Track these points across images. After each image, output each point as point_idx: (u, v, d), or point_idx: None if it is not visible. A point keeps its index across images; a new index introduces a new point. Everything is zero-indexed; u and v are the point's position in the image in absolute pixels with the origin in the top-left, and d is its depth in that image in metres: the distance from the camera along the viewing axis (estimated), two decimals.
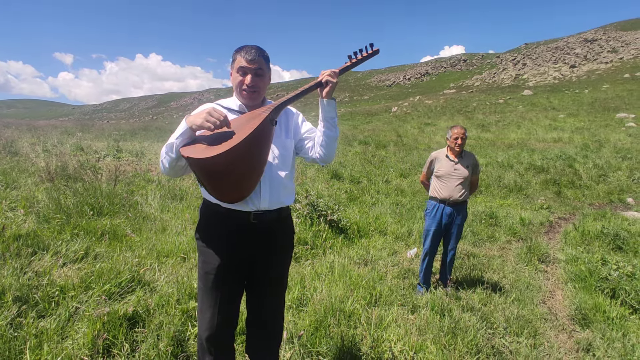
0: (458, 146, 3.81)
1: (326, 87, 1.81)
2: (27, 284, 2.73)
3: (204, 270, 1.80)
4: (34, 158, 7.74)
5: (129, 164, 8.69)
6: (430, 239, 3.90)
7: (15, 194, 5.02)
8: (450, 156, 3.86)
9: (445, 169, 3.83)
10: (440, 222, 3.87)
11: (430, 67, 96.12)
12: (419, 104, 33.68)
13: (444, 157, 3.89)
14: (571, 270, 4.49)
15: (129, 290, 2.91)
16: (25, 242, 3.42)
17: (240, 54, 1.73)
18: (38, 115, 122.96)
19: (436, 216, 3.87)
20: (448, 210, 3.84)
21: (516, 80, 53.80)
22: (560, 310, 3.75)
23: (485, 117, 23.59)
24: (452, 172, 3.81)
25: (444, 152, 3.93)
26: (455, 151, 3.83)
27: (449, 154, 3.87)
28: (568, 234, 6.05)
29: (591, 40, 66.96)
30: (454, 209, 3.84)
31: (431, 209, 3.91)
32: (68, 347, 2.19)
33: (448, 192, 3.81)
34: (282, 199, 1.84)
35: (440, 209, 3.86)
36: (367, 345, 2.68)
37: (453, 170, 3.81)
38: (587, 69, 50.43)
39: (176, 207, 5.50)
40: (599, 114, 20.82)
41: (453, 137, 3.80)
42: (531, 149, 13.76)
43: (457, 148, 3.82)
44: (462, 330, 2.93)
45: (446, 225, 3.88)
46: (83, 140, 12.74)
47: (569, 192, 9.06)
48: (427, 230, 3.94)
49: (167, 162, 1.65)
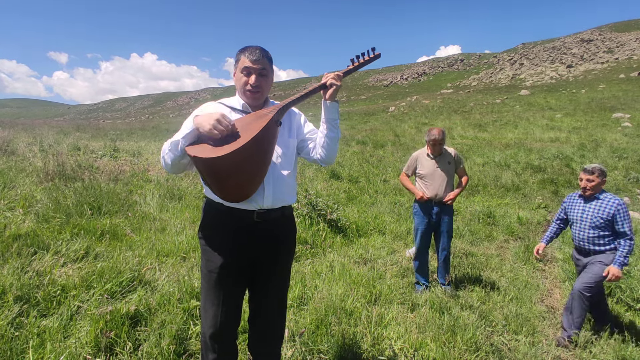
0: (434, 150, 3.85)
1: (330, 89, 1.83)
2: (28, 284, 2.73)
3: (207, 269, 1.81)
4: (31, 158, 7.71)
5: (127, 163, 8.67)
6: (419, 237, 3.94)
7: (14, 194, 5.00)
8: (431, 155, 3.91)
9: (427, 169, 3.89)
10: (429, 220, 3.91)
11: (427, 67, 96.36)
12: (417, 103, 33.75)
13: (425, 156, 3.94)
14: (569, 269, 4.53)
15: (130, 290, 2.92)
16: (25, 242, 3.42)
17: (245, 54, 1.75)
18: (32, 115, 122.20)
19: (424, 215, 3.91)
20: (435, 209, 3.88)
21: (513, 80, 54.00)
22: (558, 308, 3.79)
23: (482, 116, 23.67)
24: (434, 170, 3.86)
25: (424, 151, 3.97)
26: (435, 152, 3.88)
27: (430, 153, 3.91)
28: (565, 233, 6.09)
29: (587, 41, 67.33)
30: (440, 207, 3.88)
31: (418, 208, 3.96)
32: (71, 346, 2.20)
33: (433, 191, 3.85)
34: (285, 198, 1.85)
35: (428, 208, 3.90)
36: (368, 343, 2.70)
37: (435, 169, 3.85)
38: (583, 69, 50.71)
39: (175, 206, 5.50)
40: (595, 113, 20.93)
41: (429, 142, 3.84)
42: (528, 148, 13.83)
43: (433, 152, 3.87)
44: (461, 328, 2.95)
45: (435, 223, 3.92)
46: (80, 140, 12.68)
47: (566, 192, 9.10)
48: (416, 229, 4.00)
49: (169, 159, 1.66)
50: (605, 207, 3.19)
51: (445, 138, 3.83)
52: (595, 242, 3.22)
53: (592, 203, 3.27)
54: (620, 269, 3.05)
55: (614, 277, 3.04)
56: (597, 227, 3.20)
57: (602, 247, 3.20)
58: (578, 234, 3.34)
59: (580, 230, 3.31)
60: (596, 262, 3.19)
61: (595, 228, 3.21)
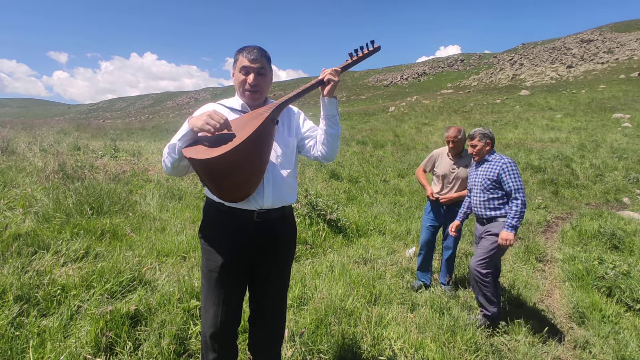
0: (450, 149, 3.83)
1: (328, 85, 1.83)
2: (28, 283, 2.73)
3: (207, 269, 1.81)
4: (31, 157, 7.70)
5: (127, 163, 8.66)
6: (423, 233, 3.97)
7: (14, 193, 5.00)
8: (450, 155, 3.88)
9: (444, 168, 3.86)
10: (436, 219, 3.91)
11: (427, 67, 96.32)
12: (417, 103, 33.74)
13: (445, 155, 3.92)
14: (568, 269, 4.54)
15: (130, 289, 2.92)
16: (25, 242, 3.42)
17: (243, 53, 1.76)
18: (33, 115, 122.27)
19: (432, 213, 3.93)
20: (443, 209, 3.88)
21: (513, 81, 53.98)
22: (557, 308, 3.79)
23: (482, 117, 23.66)
24: (449, 171, 3.83)
25: (445, 150, 3.95)
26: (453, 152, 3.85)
27: (449, 153, 3.89)
28: (565, 234, 6.10)
29: (587, 41, 67.32)
30: (448, 207, 3.87)
31: (428, 205, 4.00)
32: (71, 346, 2.20)
33: (445, 191, 3.85)
34: (285, 197, 1.86)
35: (437, 207, 3.90)
36: (368, 343, 2.70)
37: (451, 170, 3.83)
38: (583, 69, 50.70)
39: (175, 206, 5.50)
40: (595, 114, 20.92)
41: (446, 139, 3.82)
42: (528, 148, 13.83)
43: (450, 152, 3.84)
44: (461, 328, 2.96)
45: (442, 223, 3.91)
46: (80, 139, 12.67)
47: (566, 192, 9.12)
48: (422, 225, 4.04)
49: (169, 162, 1.67)
50: (492, 168, 3.14)
51: (464, 138, 3.74)
52: (487, 207, 3.16)
53: (482, 166, 3.27)
54: (511, 232, 2.98)
55: (506, 242, 2.98)
56: (486, 189, 3.16)
57: (494, 212, 3.14)
58: (473, 201, 3.32)
59: (475, 196, 3.29)
60: (487, 235, 3.16)
61: (485, 191, 3.16)
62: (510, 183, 3.07)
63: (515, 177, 3.08)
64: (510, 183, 3.07)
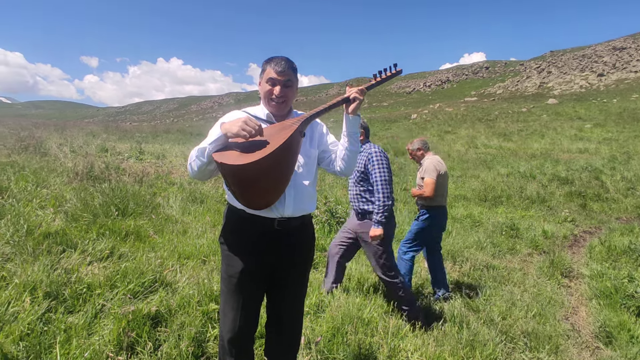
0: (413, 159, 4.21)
1: (353, 103, 1.85)
2: (56, 281, 2.83)
3: (227, 274, 1.84)
4: (62, 158, 8.03)
5: (151, 166, 8.91)
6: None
7: (45, 193, 5.22)
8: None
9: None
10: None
11: (451, 75, 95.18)
12: (439, 111, 33.35)
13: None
14: (596, 286, 4.37)
15: (152, 290, 2.99)
16: (55, 240, 3.56)
17: (270, 65, 1.79)
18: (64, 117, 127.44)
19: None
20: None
21: (540, 89, 52.67)
22: (583, 327, 3.65)
23: (507, 125, 23.17)
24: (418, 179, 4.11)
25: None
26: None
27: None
28: (593, 249, 5.87)
29: (620, 49, 65.00)
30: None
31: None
32: (95, 343, 2.27)
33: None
34: (306, 207, 1.88)
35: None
36: (384, 354, 2.67)
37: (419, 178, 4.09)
38: (615, 77, 48.96)
39: (197, 210, 5.61)
40: (627, 124, 20.16)
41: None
42: (555, 159, 13.44)
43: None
44: (480, 343, 2.89)
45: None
46: (107, 141, 13.13)
47: (594, 205, 8.80)
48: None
49: (196, 166, 1.71)
50: (360, 158, 2.98)
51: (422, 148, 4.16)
52: (360, 200, 3.04)
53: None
54: (378, 227, 2.89)
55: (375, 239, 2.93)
56: (357, 181, 3.02)
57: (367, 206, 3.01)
58: (349, 193, 3.19)
59: (349, 189, 3.17)
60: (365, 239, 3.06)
61: (356, 183, 3.02)
62: (375, 174, 2.91)
63: (381, 168, 2.91)
64: (375, 174, 2.91)
